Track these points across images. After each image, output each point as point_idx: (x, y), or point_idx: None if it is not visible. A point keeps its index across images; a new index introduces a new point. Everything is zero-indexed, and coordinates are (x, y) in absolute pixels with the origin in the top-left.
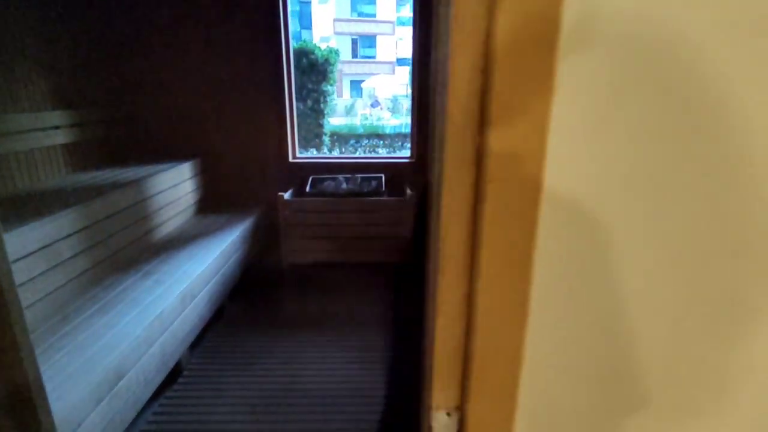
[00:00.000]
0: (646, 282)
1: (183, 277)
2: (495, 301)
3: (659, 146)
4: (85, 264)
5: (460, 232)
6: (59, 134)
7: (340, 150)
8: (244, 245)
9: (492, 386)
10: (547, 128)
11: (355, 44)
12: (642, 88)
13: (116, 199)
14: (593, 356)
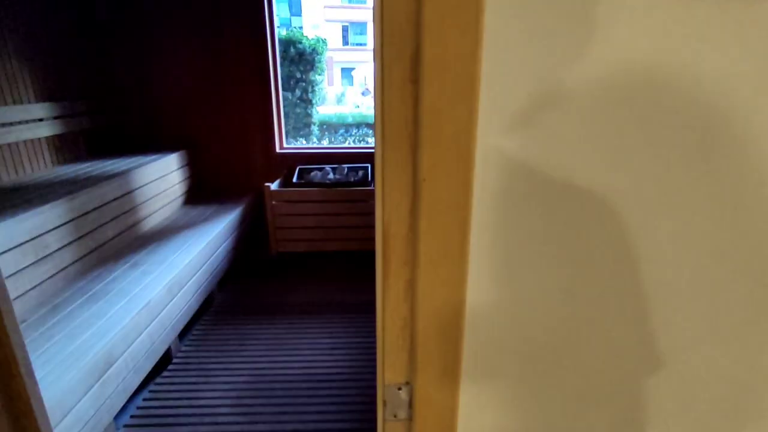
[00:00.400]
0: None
1: (170, 267)
2: (434, 282)
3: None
4: (73, 255)
5: (401, 223)
6: (43, 127)
7: (330, 140)
8: (231, 235)
9: (436, 361)
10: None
11: (345, 31)
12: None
13: (103, 191)
14: (523, 331)
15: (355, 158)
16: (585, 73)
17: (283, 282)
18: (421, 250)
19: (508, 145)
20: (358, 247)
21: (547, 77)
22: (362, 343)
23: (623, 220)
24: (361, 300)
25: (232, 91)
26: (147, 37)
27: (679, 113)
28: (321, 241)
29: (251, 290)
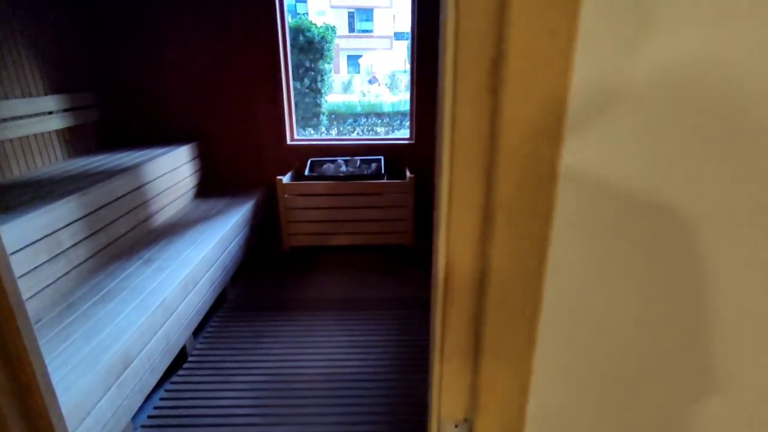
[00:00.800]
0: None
1: (184, 263)
2: (503, 316)
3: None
4: (86, 252)
5: (468, 256)
6: (53, 119)
7: (338, 129)
8: (244, 229)
9: (501, 397)
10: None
11: (351, 18)
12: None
13: (114, 185)
14: (602, 366)
15: (368, 150)
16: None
17: (296, 276)
18: (491, 293)
19: (585, 165)
20: (372, 241)
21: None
22: (380, 342)
23: (701, 242)
24: (376, 296)
25: (242, 81)
26: (155, 26)
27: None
28: (334, 234)
29: (264, 285)
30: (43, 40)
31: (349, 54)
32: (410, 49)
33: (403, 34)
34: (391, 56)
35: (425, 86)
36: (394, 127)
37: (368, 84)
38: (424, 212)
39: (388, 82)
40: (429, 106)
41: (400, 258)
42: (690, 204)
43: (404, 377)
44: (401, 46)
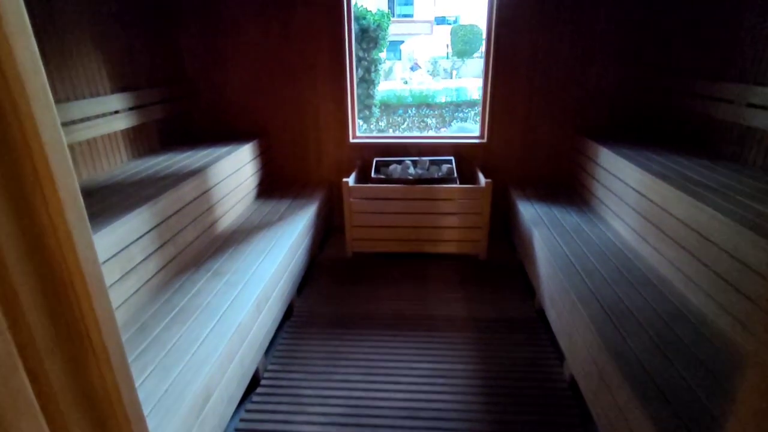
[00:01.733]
0: None
1: (255, 277)
2: None
3: None
4: (156, 266)
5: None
6: (119, 119)
7: (388, 120)
8: (308, 235)
9: None
10: None
11: (391, 2)
12: None
13: (182, 192)
14: None
15: (435, 149)
16: None
17: (363, 287)
18: None
19: None
20: (442, 249)
21: None
22: (467, 372)
23: None
24: (454, 314)
25: (303, 75)
26: (216, 18)
27: None
28: (401, 241)
29: (331, 296)
30: (110, 36)
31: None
32: (486, 35)
33: (444, 18)
34: (431, 42)
35: (502, 77)
36: (446, 119)
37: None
38: (499, 220)
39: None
40: (506, 100)
41: (473, 270)
42: None
43: (499, 418)
44: (442, 30)
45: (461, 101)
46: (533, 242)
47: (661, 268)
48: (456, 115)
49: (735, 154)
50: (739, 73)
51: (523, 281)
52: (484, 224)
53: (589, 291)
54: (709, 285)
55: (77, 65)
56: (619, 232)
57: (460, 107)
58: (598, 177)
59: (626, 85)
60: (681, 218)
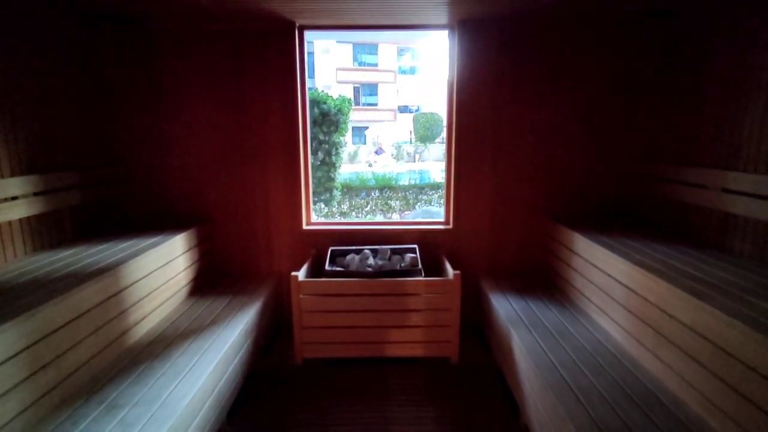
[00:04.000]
0: None
1: (164, 409)
2: None
3: None
4: (21, 402)
5: None
6: (18, 206)
7: (350, 202)
8: (248, 340)
9: None
10: None
11: (357, 92)
12: None
13: (78, 298)
14: None
15: (395, 237)
16: None
17: (311, 408)
18: None
19: None
20: (408, 352)
21: None
22: None
23: None
24: (420, 427)
25: (253, 157)
26: (155, 96)
27: None
28: (359, 344)
29: (271, 418)
30: (20, 109)
31: (354, 126)
32: (447, 119)
33: (406, 107)
34: (395, 128)
35: (465, 161)
36: (410, 202)
37: (375, 154)
38: (469, 314)
39: (394, 152)
40: (470, 184)
41: (444, 378)
42: None
43: None
44: (405, 118)
45: (424, 184)
46: (513, 347)
47: (668, 383)
48: (420, 197)
49: (719, 242)
50: (712, 158)
51: (502, 391)
52: (453, 322)
53: (589, 419)
54: (736, 410)
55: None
56: (608, 333)
57: (424, 190)
58: (576, 267)
59: (595, 170)
60: (685, 322)
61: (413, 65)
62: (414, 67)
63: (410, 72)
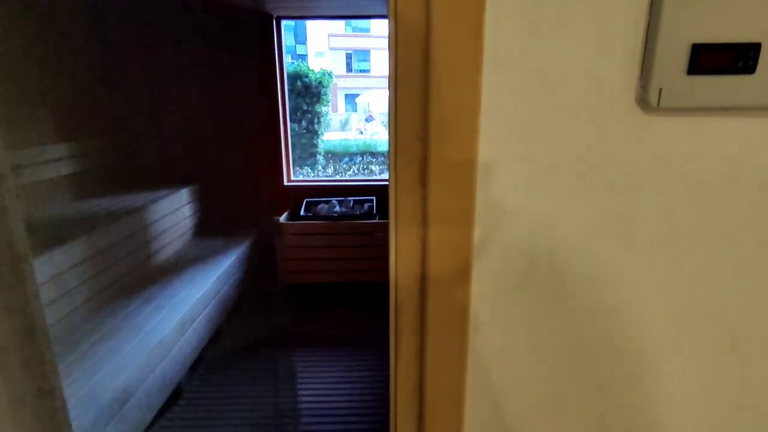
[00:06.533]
0: None
1: (182, 302)
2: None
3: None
4: (90, 292)
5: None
6: (62, 166)
7: (335, 167)
8: (241, 268)
9: (441, 423)
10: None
11: (349, 59)
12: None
13: (118, 228)
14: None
15: (361, 191)
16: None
17: (292, 313)
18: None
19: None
20: (365, 278)
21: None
22: (372, 376)
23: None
24: (368, 331)
25: (241, 125)
26: (156, 72)
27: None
28: (329, 272)
29: (260, 322)
30: (60, 89)
31: (347, 93)
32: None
33: None
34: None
35: None
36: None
37: (365, 122)
38: None
39: (384, 119)
40: None
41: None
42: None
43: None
44: None
45: None
46: None
47: None
48: None
49: None
50: None
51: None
52: None
53: None
54: None
55: (25, 116)
56: None
57: None
58: None
59: None
60: None
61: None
62: None
63: None
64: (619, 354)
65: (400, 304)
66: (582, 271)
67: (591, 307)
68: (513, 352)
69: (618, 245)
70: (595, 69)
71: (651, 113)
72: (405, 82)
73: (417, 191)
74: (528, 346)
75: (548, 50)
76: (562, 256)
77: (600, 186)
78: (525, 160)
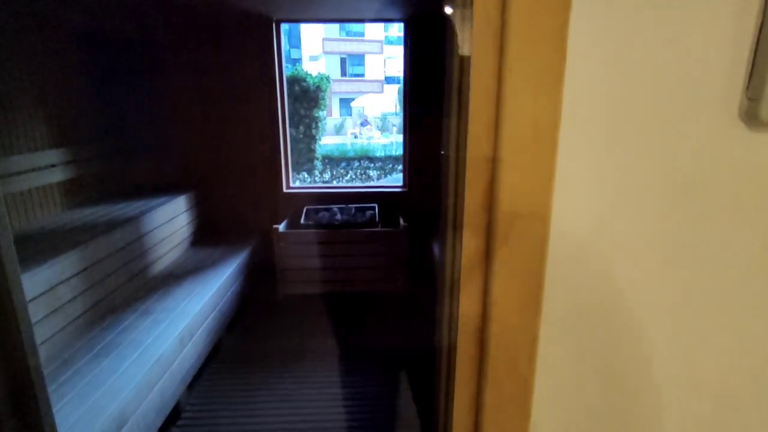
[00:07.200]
0: None
1: (181, 315)
2: None
3: None
4: (84, 305)
5: None
6: (55, 172)
7: (332, 172)
8: (239, 278)
9: None
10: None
11: (344, 63)
12: None
13: (114, 238)
14: None
15: (362, 197)
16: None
17: (290, 325)
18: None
19: None
20: (367, 288)
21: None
22: (373, 392)
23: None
24: (369, 345)
25: (240, 131)
26: (157, 78)
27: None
28: (329, 282)
29: (259, 334)
30: (51, 93)
31: (341, 97)
32: (402, 94)
33: (394, 78)
34: (381, 99)
35: (417, 132)
36: (386, 171)
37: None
38: (419, 260)
39: (380, 123)
40: (422, 152)
41: (395, 305)
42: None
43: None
44: (392, 89)
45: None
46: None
47: None
48: (396, 166)
49: None
50: None
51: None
52: (402, 263)
53: None
54: None
55: (18, 122)
56: None
57: (399, 159)
58: None
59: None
60: None
61: (401, 35)
62: (402, 37)
63: (398, 42)
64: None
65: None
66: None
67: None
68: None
69: (710, 274)
70: (694, 77)
71: (759, 129)
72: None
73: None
74: None
75: (637, 56)
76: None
77: (694, 210)
78: (607, 179)
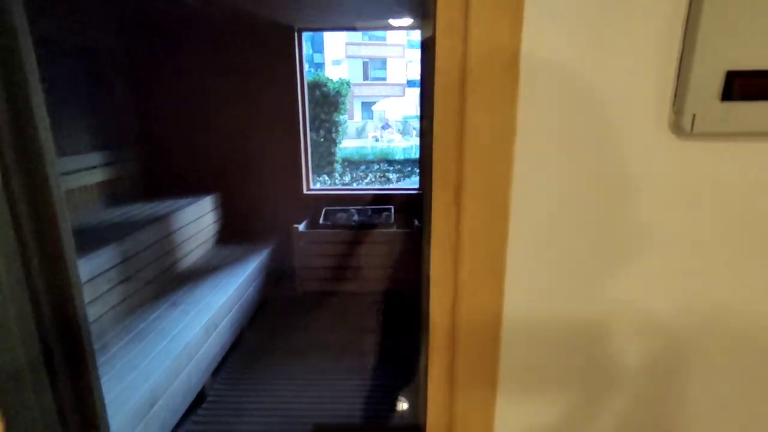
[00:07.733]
0: None
1: (207, 307)
2: None
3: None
4: (120, 296)
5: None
6: (95, 174)
7: (352, 175)
8: (261, 274)
9: None
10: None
11: (366, 67)
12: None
13: (146, 235)
14: None
15: (380, 200)
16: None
17: (309, 320)
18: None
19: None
20: (381, 286)
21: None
22: (386, 385)
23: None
24: (380, 341)
25: (262, 135)
26: (184, 85)
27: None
28: (345, 281)
29: (279, 328)
30: (95, 100)
31: (363, 101)
32: (420, 98)
33: (416, 81)
34: (403, 103)
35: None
36: (405, 174)
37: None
38: None
39: (400, 127)
40: None
41: (407, 303)
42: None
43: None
44: (413, 93)
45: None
46: None
47: None
48: (414, 169)
49: None
50: None
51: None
52: (416, 263)
53: None
54: None
55: (62, 126)
56: None
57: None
58: None
59: None
60: None
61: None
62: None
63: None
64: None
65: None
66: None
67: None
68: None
69: (641, 268)
70: (628, 94)
71: (683, 138)
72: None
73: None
74: None
75: (582, 73)
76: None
77: (626, 210)
78: (553, 184)
